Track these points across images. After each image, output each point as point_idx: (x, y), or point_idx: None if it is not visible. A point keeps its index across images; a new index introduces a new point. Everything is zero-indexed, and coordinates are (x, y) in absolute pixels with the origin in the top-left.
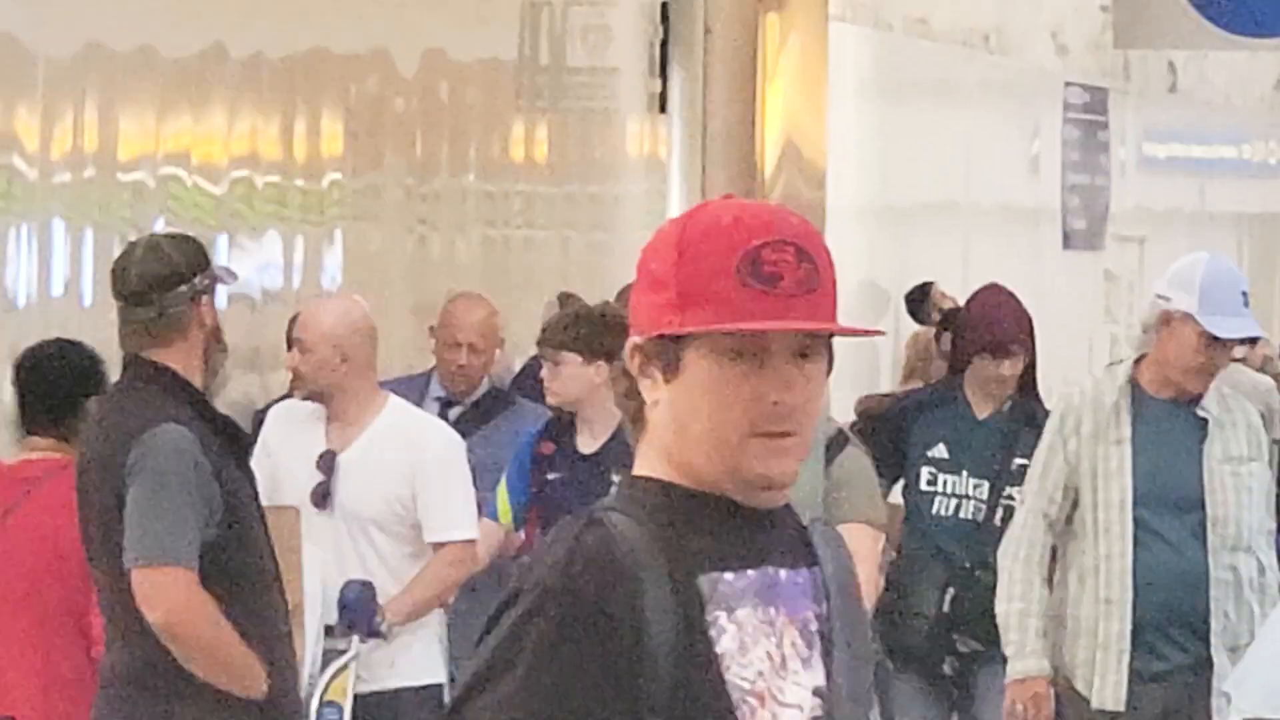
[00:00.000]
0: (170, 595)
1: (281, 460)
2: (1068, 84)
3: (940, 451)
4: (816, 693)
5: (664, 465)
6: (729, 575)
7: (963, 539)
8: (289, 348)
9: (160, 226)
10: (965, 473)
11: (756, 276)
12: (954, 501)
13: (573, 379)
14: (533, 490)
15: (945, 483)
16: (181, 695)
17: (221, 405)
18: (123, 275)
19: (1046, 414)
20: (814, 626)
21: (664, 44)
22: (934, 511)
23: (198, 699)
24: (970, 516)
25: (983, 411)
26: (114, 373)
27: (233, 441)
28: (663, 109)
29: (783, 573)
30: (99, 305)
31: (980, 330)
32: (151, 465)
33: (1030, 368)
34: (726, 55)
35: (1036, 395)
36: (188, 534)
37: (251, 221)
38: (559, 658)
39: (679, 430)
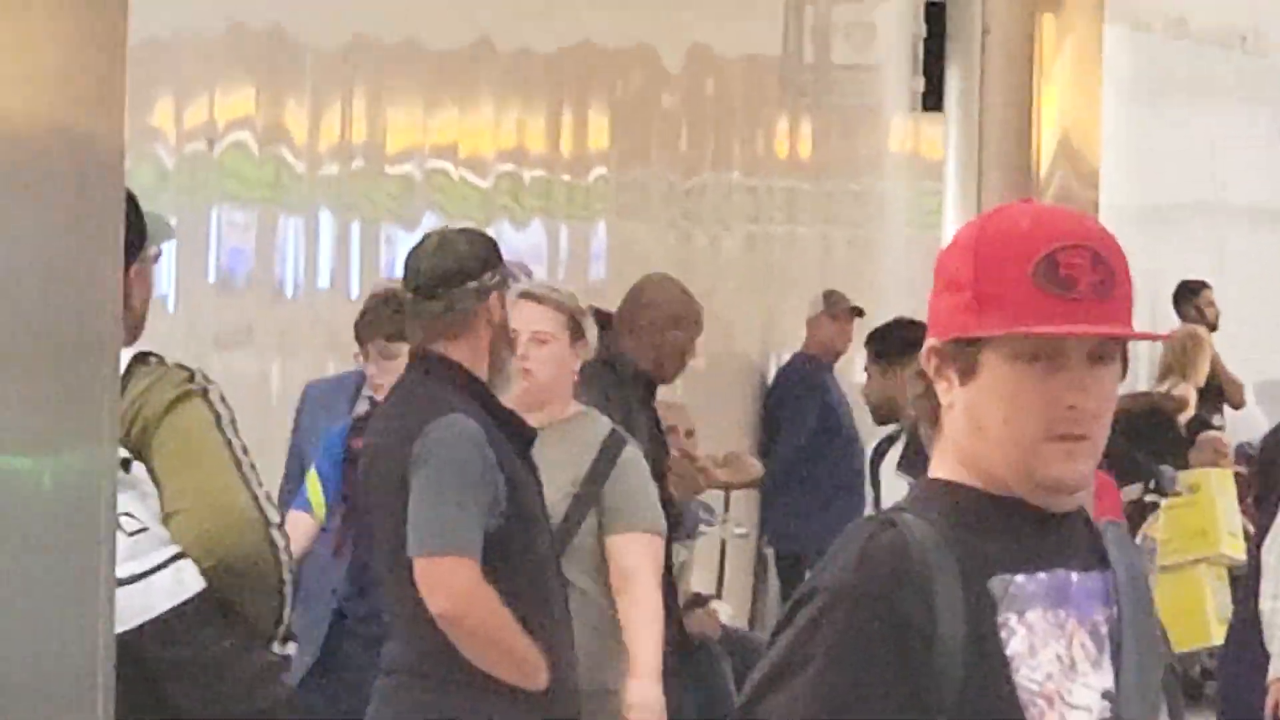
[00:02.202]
0: (452, 585)
1: None
2: None
3: None
4: (1105, 695)
5: (958, 467)
6: (1020, 578)
7: None
8: None
9: (427, 220)
10: None
11: (1053, 280)
12: None
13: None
14: (344, 489)
15: None
16: (461, 685)
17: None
18: (413, 268)
19: None
20: (1104, 630)
21: (928, 41)
22: None
23: (478, 690)
24: None
25: None
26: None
27: (517, 435)
28: (925, 107)
29: (1074, 575)
30: (365, 297)
31: None
32: (436, 455)
33: None
34: (1003, 55)
35: None
36: (471, 524)
37: (518, 215)
38: (852, 656)
39: (974, 432)
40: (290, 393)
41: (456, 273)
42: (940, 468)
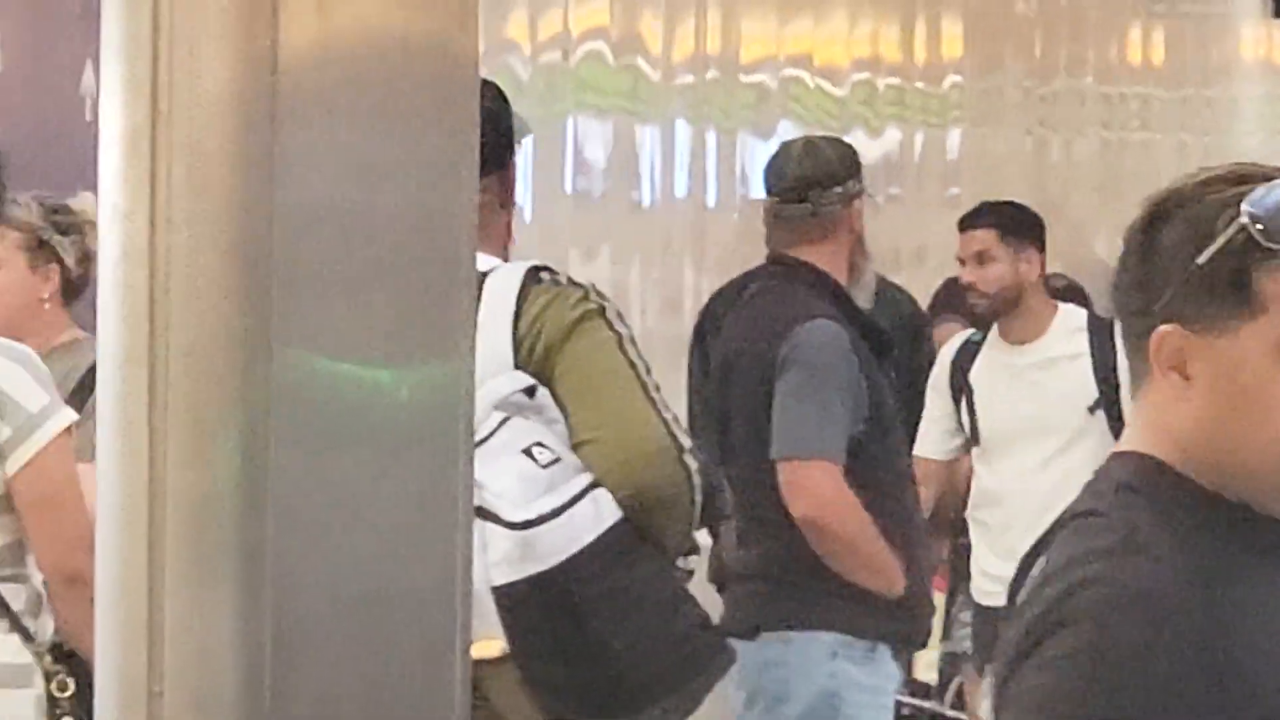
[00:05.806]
0: (817, 489)
1: None
2: None
3: None
4: None
5: None
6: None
7: None
8: None
9: (783, 129)
10: None
11: None
12: None
13: None
14: None
15: None
16: (818, 592)
17: None
18: (779, 172)
19: None
20: None
21: None
22: None
23: (835, 595)
24: None
25: None
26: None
27: (877, 342)
28: (1278, 14)
29: None
30: (722, 206)
31: None
32: (804, 358)
33: None
34: None
35: None
36: (836, 428)
37: (872, 123)
38: None
39: None
40: (647, 303)
41: (824, 177)
42: None
